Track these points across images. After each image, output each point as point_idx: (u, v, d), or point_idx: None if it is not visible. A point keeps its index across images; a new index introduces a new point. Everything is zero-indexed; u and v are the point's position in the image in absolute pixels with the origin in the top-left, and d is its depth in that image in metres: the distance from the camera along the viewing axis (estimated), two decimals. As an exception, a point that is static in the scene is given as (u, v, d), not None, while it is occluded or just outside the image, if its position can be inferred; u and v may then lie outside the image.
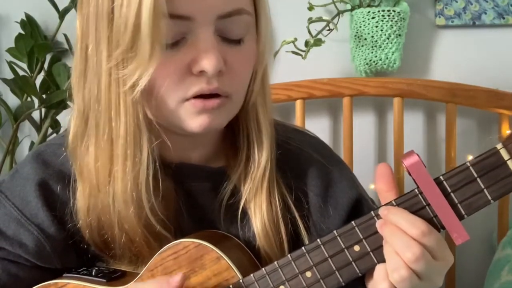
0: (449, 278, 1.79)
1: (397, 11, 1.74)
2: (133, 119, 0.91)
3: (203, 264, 0.95)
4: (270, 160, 1.00)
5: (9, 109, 1.87)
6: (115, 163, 0.94)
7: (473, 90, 1.75)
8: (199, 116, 0.92)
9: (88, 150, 0.96)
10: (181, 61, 0.89)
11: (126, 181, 0.94)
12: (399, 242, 0.83)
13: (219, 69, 0.89)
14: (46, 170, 1.03)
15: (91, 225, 1.00)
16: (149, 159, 0.93)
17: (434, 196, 0.83)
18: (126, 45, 0.86)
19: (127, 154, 0.92)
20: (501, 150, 0.82)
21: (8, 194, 1.03)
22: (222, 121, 0.95)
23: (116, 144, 0.93)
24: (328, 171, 1.07)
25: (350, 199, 1.05)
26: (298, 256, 0.90)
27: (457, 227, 0.83)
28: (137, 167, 0.93)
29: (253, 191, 1.01)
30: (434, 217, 0.85)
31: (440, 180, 0.84)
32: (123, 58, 0.88)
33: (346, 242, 0.88)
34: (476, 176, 0.83)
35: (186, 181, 1.03)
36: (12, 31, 1.88)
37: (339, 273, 0.88)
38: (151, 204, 0.95)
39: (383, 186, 0.88)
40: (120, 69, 0.88)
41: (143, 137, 0.92)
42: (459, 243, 0.84)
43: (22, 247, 1.01)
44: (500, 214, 1.76)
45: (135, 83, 0.88)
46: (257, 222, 1.00)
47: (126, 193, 0.94)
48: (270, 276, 0.92)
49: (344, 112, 1.80)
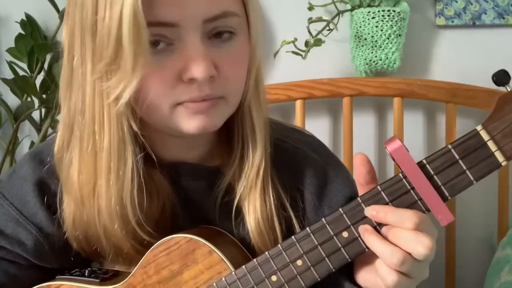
0: (449, 278, 1.79)
1: (397, 11, 1.73)
2: (117, 132, 0.90)
3: (195, 259, 0.95)
4: (265, 159, 1.00)
5: (9, 109, 1.87)
6: (98, 176, 0.93)
7: (473, 90, 1.75)
8: (194, 117, 0.91)
9: (72, 162, 0.96)
10: (171, 69, 0.88)
11: (110, 195, 0.93)
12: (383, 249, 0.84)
13: (210, 75, 0.88)
14: (44, 169, 1.03)
15: (79, 237, 1.00)
16: (133, 172, 0.92)
17: (418, 180, 0.84)
18: (109, 58, 0.85)
19: (111, 167, 0.92)
20: (481, 131, 0.83)
21: (6, 193, 1.03)
22: (217, 122, 0.94)
23: (100, 157, 0.92)
24: (324, 169, 1.07)
25: (344, 197, 1.05)
26: (288, 245, 0.90)
27: (442, 208, 0.84)
28: (120, 180, 0.92)
29: (247, 189, 1.00)
30: (418, 200, 0.85)
31: (423, 163, 0.85)
32: (107, 71, 0.87)
33: (335, 229, 0.88)
34: (458, 158, 0.84)
35: (182, 180, 1.03)
36: (12, 31, 1.88)
37: (329, 259, 0.88)
38: (137, 217, 0.95)
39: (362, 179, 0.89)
40: (104, 81, 0.87)
41: (127, 149, 0.91)
42: (444, 224, 0.84)
43: (21, 246, 1.01)
44: (500, 214, 1.76)
45: (119, 95, 0.86)
46: (251, 220, 1.00)
47: (110, 208, 0.94)
48: (261, 266, 0.92)
49: (344, 112, 1.80)
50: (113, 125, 0.90)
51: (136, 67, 0.84)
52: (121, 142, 0.91)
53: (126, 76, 0.84)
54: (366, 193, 0.87)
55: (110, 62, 0.85)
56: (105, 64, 0.86)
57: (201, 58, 0.87)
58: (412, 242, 0.82)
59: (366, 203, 0.87)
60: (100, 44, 0.86)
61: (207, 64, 0.87)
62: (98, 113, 0.90)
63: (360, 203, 0.87)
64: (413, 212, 0.84)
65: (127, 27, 0.82)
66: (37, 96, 1.85)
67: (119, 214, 0.94)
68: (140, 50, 0.83)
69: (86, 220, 0.97)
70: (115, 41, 0.83)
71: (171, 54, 0.88)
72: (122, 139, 0.90)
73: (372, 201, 0.86)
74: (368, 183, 0.88)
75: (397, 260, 0.82)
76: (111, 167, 0.92)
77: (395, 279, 0.84)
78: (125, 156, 0.91)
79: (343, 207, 0.88)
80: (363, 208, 0.87)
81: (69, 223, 0.99)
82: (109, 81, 0.87)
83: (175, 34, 0.87)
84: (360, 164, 0.89)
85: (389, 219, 0.84)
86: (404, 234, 0.83)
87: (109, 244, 0.98)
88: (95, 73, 0.88)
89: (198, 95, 0.89)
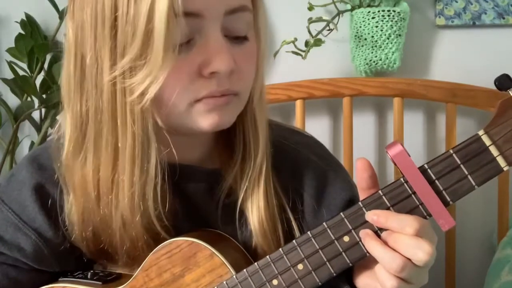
0: (449, 278, 1.79)
1: (397, 11, 1.73)
2: (142, 129, 0.89)
3: (196, 262, 0.95)
4: (266, 159, 1.00)
5: (9, 109, 1.87)
6: (120, 173, 0.92)
7: (473, 90, 1.75)
8: (209, 114, 0.90)
9: (86, 162, 0.95)
10: (191, 64, 0.87)
11: (133, 191, 0.92)
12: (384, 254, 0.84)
13: (231, 69, 0.88)
14: (42, 174, 1.02)
15: (87, 237, 1.00)
16: (157, 169, 0.92)
17: (419, 184, 0.84)
18: (135, 53, 0.84)
19: (135, 164, 0.91)
20: (483, 136, 0.83)
21: (4, 198, 1.03)
22: (230, 118, 0.94)
23: (123, 154, 0.91)
24: (323, 172, 1.07)
25: (343, 200, 1.05)
26: (289, 249, 0.90)
27: (443, 213, 0.84)
28: (144, 176, 0.92)
29: (250, 190, 1.00)
30: (420, 205, 0.85)
31: (424, 168, 0.85)
32: (131, 67, 0.85)
33: (336, 233, 0.88)
34: (459, 162, 0.83)
35: (182, 182, 1.02)
36: (12, 31, 1.88)
37: (330, 264, 0.88)
38: (158, 212, 0.95)
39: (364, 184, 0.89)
40: (127, 78, 0.86)
41: (151, 146, 0.90)
42: (446, 229, 0.84)
43: (20, 251, 1.01)
44: (500, 214, 1.76)
45: (144, 91, 0.85)
46: (255, 220, 1.00)
47: (132, 202, 0.93)
48: (263, 270, 0.92)
49: (344, 112, 1.80)
50: (137, 122, 0.88)
51: (166, 60, 0.83)
52: (145, 139, 0.90)
53: (154, 69, 0.83)
54: (368, 198, 0.87)
55: (135, 58, 0.84)
56: (129, 60, 0.85)
57: (224, 51, 0.87)
58: (412, 248, 0.82)
59: (367, 207, 0.87)
60: (123, 39, 0.85)
61: (230, 57, 0.87)
62: (120, 110, 0.89)
63: (361, 207, 0.87)
64: (414, 217, 0.83)
65: (162, 16, 0.81)
66: (37, 96, 1.85)
67: (141, 207, 0.93)
68: (172, 40, 0.82)
69: (101, 216, 0.96)
70: (143, 36, 0.83)
71: (191, 48, 0.87)
72: (147, 136, 0.90)
73: (373, 206, 0.86)
74: (370, 188, 0.88)
75: (397, 266, 0.82)
76: (136, 164, 0.91)
77: (395, 285, 0.84)
78: (149, 153, 0.91)
79: (344, 211, 0.88)
80: (364, 213, 0.87)
81: (78, 225, 0.99)
82: (134, 77, 0.85)
83: (196, 27, 0.86)
84: (362, 169, 0.88)
85: (389, 224, 0.84)
86: (404, 240, 0.83)
87: (122, 239, 0.97)
88: (116, 70, 0.86)
89: (217, 90, 0.89)
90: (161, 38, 0.82)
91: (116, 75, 0.86)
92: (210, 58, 0.87)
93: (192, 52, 0.87)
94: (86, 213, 0.98)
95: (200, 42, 0.87)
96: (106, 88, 0.88)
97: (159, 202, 0.94)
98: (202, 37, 0.87)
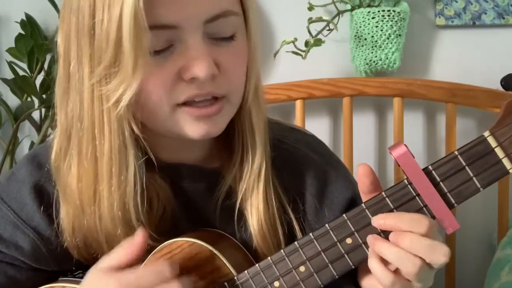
0: (449, 278, 1.79)
1: (397, 11, 1.73)
2: (118, 136, 0.89)
3: (197, 263, 0.95)
4: (265, 160, 0.99)
5: (9, 109, 1.87)
6: (100, 182, 0.92)
7: (473, 90, 1.75)
8: (197, 123, 0.90)
9: (71, 170, 0.94)
10: (170, 70, 0.87)
11: (112, 201, 0.92)
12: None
13: (211, 74, 0.87)
14: (42, 173, 1.02)
15: (78, 245, 0.99)
16: (136, 177, 0.91)
17: (424, 186, 0.83)
18: (108, 61, 0.84)
19: (112, 172, 0.91)
20: (489, 137, 0.83)
21: (4, 197, 1.03)
22: (221, 126, 0.94)
23: (101, 162, 0.91)
24: (324, 170, 1.06)
25: (345, 199, 1.04)
26: (291, 251, 0.90)
27: (448, 216, 0.84)
28: (123, 185, 0.91)
29: (249, 191, 1.00)
30: (424, 207, 0.85)
31: (429, 170, 0.84)
32: (106, 74, 0.86)
33: (338, 235, 0.88)
34: (464, 164, 0.83)
35: (181, 181, 1.02)
36: (12, 31, 1.88)
37: (332, 266, 0.88)
38: (140, 222, 0.94)
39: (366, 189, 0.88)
40: (103, 85, 0.86)
41: (129, 154, 0.90)
42: (450, 232, 0.84)
43: (18, 250, 1.01)
44: (500, 214, 1.76)
45: (119, 98, 0.85)
46: (254, 222, 0.99)
47: (113, 213, 0.93)
48: (264, 272, 0.91)
49: (344, 112, 1.80)
50: (113, 129, 0.89)
51: (137, 68, 0.83)
52: (123, 146, 0.90)
53: (127, 78, 0.84)
54: (371, 199, 0.87)
55: (109, 65, 0.85)
56: (104, 67, 0.85)
57: (202, 57, 0.86)
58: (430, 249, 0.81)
59: (371, 209, 0.86)
60: (99, 47, 0.85)
61: (208, 63, 0.86)
62: (97, 118, 0.89)
63: (364, 209, 0.87)
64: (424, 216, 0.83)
65: (127, 28, 0.81)
66: (37, 96, 1.85)
67: (121, 219, 0.93)
68: (140, 51, 0.82)
69: (86, 227, 0.96)
70: (114, 43, 0.83)
71: (170, 54, 0.87)
72: (123, 143, 0.90)
73: (376, 207, 0.86)
74: (371, 192, 0.88)
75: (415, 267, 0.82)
76: (113, 172, 0.91)
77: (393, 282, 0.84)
78: (127, 161, 0.91)
79: (347, 213, 0.88)
80: (367, 214, 0.86)
81: (68, 232, 0.98)
82: (109, 85, 0.86)
83: (175, 36, 0.86)
84: (363, 175, 0.88)
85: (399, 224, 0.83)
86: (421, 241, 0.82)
87: (110, 250, 0.97)
88: (93, 77, 0.87)
89: (198, 93, 0.88)
90: (129, 49, 0.82)
91: (94, 82, 0.87)
92: (189, 64, 0.87)
93: (172, 57, 0.87)
94: (75, 223, 0.97)
95: (180, 48, 0.87)
96: (86, 95, 0.89)
97: (140, 212, 0.94)
98: (182, 44, 0.87)
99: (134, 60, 0.82)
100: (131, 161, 0.91)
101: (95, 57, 0.86)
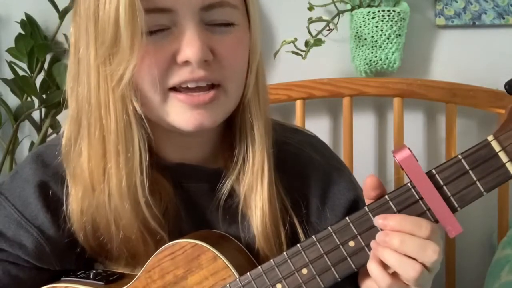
0: (449, 278, 1.79)
1: (397, 11, 1.73)
2: (122, 115, 0.92)
3: (200, 264, 0.95)
4: (268, 161, 1.00)
5: (9, 109, 1.87)
6: (108, 160, 0.94)
7: (473, 90, 1.75)
8: (190, 112, 0.92)
9: (81, 151, 0.97)
10: (165, 52, 0.90)
11: (121, 177, 0.94)
12: None
13: (203, 58, 0.89)
14: (46, 171, 1.03)
15: (86, 227, 1.00)
16: (141, 154, 0.94)
17: (427, 190, 0.84)
18: (109, 41, 0.88)
19: (119, 150, 0.93)
20: (492, 142, 0.83)
21: (8, 195, 1.03)
22: (216, 118, 0.94)
23: (108, 141, 0.93)
24: (327, 172, 1.06)
25: (347, 200, 1.04)
26: (294, 253, 0.90)
27: (451, 220, 0.84)
28: (130, 162, 0.93)
29: (252, 191, 1.00)
30: (427, 211, 0.85)
31: (432, 173, 0.84)
32: (109, 54, 0.89)
33: (341, 238, 0.88)
34: (468, 168, 0.83)
35: (184, 181, 1.03)
36: (12, 31, 1.88)
37: (335, 269, 0.89)
38: (146, 198, 0.96)
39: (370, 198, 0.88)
40: (107, 65, 0.90)
41: (133, 131, 0.93)
42: (453, 235, 0.84)
43: (22, 249, 1.01)
44: (500, 214, 1.76)
45: (120, 77, 0.89)
46: (258, 223, 1.00)
47: (121, 188, 0.94)
48: (266, 274, 0.92)
49: (344, 112, 1.80)
50: (118, 108, 0.91)
51: (133, 48, 0.86)
52: (128, 125, 0.92)
53: (125, 57, 0.87)
54: (374, 202, 0.87)
55: (110, 46, 0.88)
56: (106, 48, 0.89)
57: (194, 41, 0.88)
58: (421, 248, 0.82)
59: (374, 212, 0.86)
60: (102, 28, 0.88)
61: (200, 46, 0.88)
62: (103, 97, 0.92)
63: (368, 212, 0.87)
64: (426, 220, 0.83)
65: (123, 8, 0.84)
66: (37, 96, 1.85)
67: (129, 193, 0.95)
68: (136, 31, 0.85)
69: (95, 206, 0.98)
70: (113, 24, 0.86)
71: (166, 36, 0.90)
72: (128, 121, 0.92)
73: (379, 211, 0.86)
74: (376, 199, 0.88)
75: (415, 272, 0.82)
76: (120, 150, 0.93)
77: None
78: (132, 138, 0.93)
79: (350, 216, 0.88)
80: (370, 218, 0.86)
81: (76, 214, 1.00)
82: (112, 65, 0.89)
83: (171, 20, 0.89)
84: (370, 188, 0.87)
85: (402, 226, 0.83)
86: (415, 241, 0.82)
87: (118, 229, 0.98)
88: (98, 58, 0.90)
89: (190, 77, 0.90)
90: (125, 27, 0.85)
91: (99, 63, 0.90)
92: (181, 47, 0.89)
93: (168, 40, 0.90)
94: (85, 203, 0.99)
95: (176, 32, 0.90)
96: (93, 76, 0.92)
97: (146, 189, 0.95)
98: (177, 28, 0.90)
99: (131, 39, 0.86)
100: (136, 138, 0.93)
101: (99, 38, 0.89)
